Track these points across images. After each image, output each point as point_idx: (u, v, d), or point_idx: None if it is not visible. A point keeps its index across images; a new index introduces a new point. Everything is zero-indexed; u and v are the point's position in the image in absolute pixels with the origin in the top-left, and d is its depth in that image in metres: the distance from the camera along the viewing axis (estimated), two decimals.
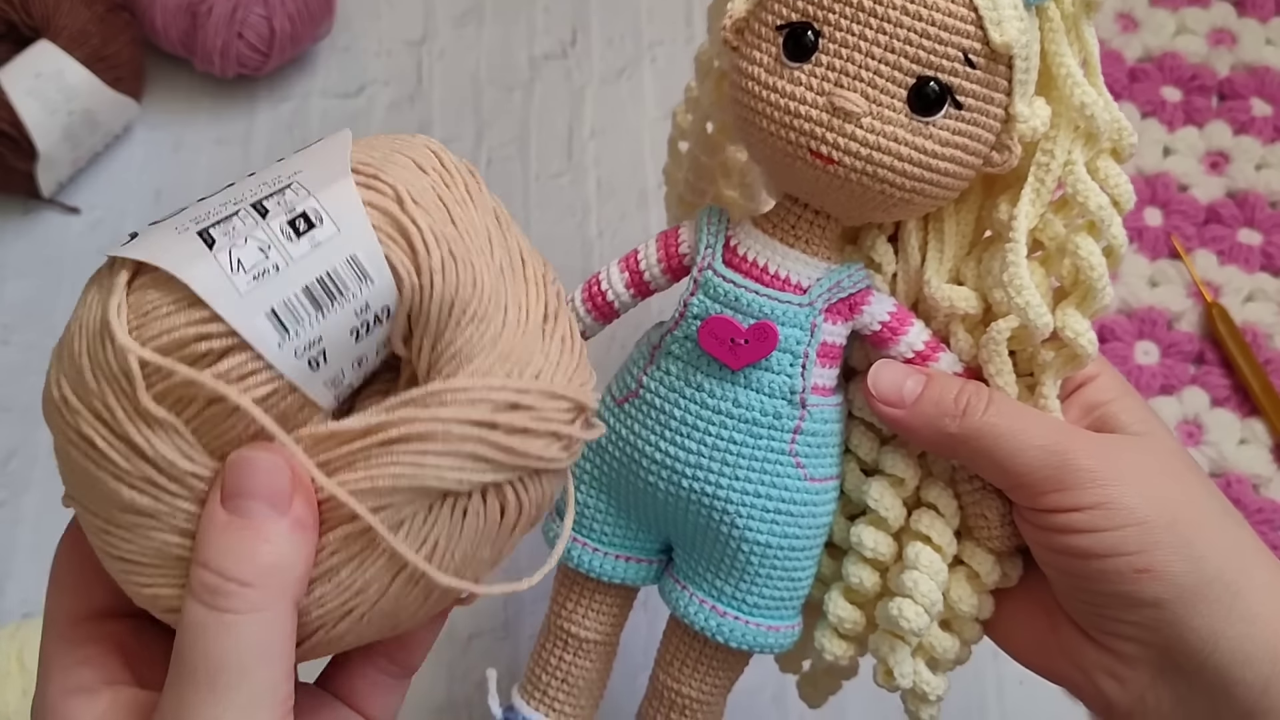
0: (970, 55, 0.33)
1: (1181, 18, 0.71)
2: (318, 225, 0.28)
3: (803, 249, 0.37)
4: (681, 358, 0.38)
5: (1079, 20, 0.35)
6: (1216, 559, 0.34)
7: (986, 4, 0.33)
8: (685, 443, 0.38)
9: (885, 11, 0.33)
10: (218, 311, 0.26)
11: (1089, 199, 0.35)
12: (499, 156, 0.67)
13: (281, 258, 0.27)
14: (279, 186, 0.28)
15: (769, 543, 0.38)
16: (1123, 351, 0.62)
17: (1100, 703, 0.37)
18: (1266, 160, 0.67)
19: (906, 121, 0.33)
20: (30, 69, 0.59)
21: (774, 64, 0.35)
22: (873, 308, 0.38)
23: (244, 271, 0.27)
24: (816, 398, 0.38)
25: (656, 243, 0.39)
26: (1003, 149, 0.35)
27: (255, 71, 0.65)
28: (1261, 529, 0.58)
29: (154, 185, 0.64)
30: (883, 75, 0.33)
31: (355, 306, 0.28)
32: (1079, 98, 0.34)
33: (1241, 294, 0.64)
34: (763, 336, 0.36)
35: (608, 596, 0.42)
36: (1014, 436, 0.35)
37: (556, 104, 0.68)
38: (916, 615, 0.37)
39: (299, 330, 0.27)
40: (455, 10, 0.71)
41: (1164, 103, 0.69)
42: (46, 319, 0.60)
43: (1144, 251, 0.65)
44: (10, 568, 0.55)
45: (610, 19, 0.71)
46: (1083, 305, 0.36)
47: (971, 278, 0.38)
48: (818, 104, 0.34)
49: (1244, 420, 0.61)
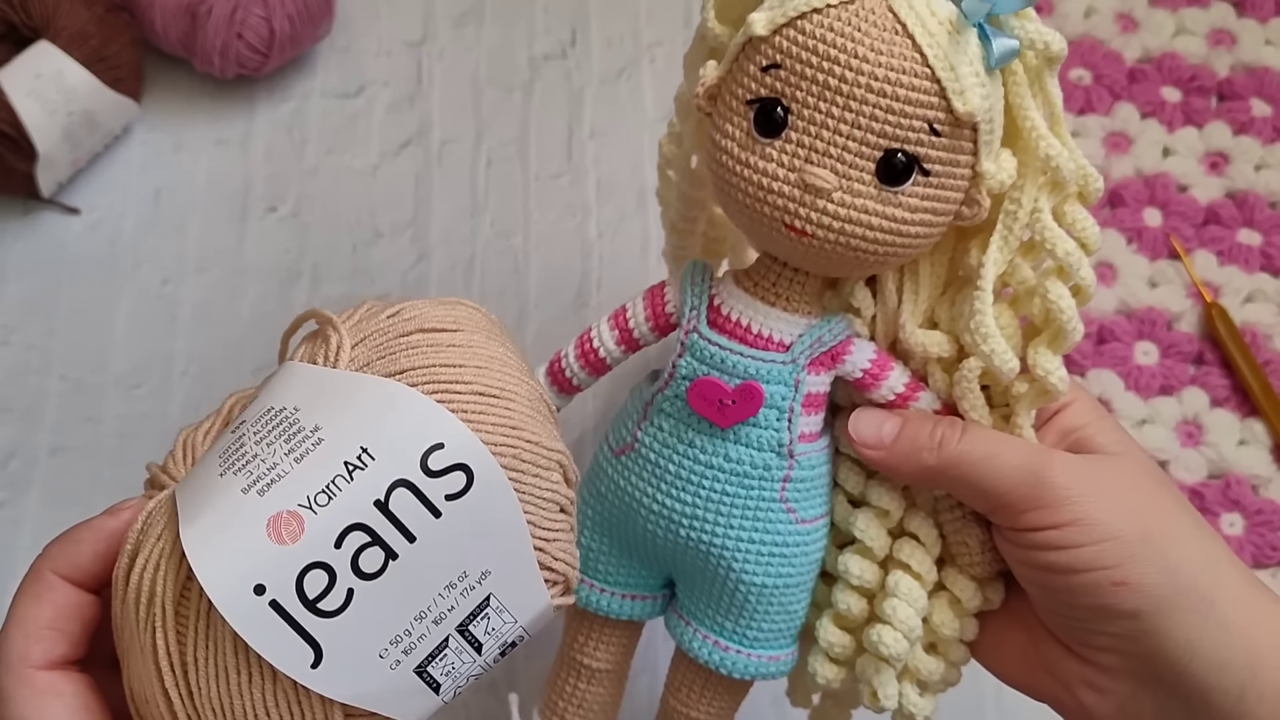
0: (935, 125, 0.34)
1: (1181, 18, 0.71)
2: (519, 645, 0.31)
3: (784, 307, 0.39)
4: (673, 415, 0.39)
5: (1042, 73, 0.35)
6: (1191, 570, 0.35)
7: (948, 75, 0.33)
8: (680, 495, 0.39)
9: (850, 89, 0.33)
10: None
11: (1056, 246, 0.36)
12: (499, 156, 0.67)
13: (482, 669, 0.31)
14: (474, 599, 0.29)
15: (765, 583, 0.40)
16: (1122, 352, 0.62)
17: (1082, 716, 0.38)
18: (1266, 161, 0.67)
19: (876, 193, 0.34)
20: (30, 70, 0.59)
21: (746, 139, 0.35)
22: (854, 357, 0.39)
23: (449, 692, 0.31)
24: (804, 445, 0.39)
25: (644, 301, 0.41)
26: (972, 204, 0.36)
27: (255, 72, 0.65)
28: (1261, 529, 0.58)
29: (154, 186, 0.64)
30: (851, 150, 0.34)
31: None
32: (1044, 150, 0.35)
33: (1241, 294, 0.64)
34: (749, 397, 0.38)
35: (616, 630, 0.44)
36: (989, 460, 0.36)
37: (556, 104, 0.68)
38: (895, 641, 0.39)
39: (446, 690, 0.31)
40: (455, 11, 0.71)
41: (1163, 103, 0.69)
42: (46, 319, 0.60)
43: (1143, 252, 0.65)
44: (10, 568, 0.55)
45: (610, 20, 0.71)
46: (1054, 344, 0.37)
47: (945, 320, 0.39)
48: (790, 180, 0.35)
49: (1244, 420, 0.61)
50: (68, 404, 0.59)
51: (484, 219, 0.65)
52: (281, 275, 0.63)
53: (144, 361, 0.60)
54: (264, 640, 0.27)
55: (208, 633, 0.28)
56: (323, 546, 0.27)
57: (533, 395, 0.32)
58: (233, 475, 0.29)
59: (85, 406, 0.59)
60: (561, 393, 0.43)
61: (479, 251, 0.64)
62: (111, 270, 0.62)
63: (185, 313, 0.61)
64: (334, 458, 0.28)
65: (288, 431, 0.29)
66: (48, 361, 0.59)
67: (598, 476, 0.42)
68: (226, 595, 0.27)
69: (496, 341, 0.33)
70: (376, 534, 0.28)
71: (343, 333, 0.32)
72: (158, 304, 0.61)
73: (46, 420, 0.58)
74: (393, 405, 0.29)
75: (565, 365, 0.42)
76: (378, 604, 0.28)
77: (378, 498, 0.28)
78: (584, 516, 0.43)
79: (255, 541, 0.27)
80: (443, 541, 0.28)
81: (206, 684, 0.28)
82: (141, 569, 0.29)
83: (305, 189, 0.65)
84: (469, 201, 0.65)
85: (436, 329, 0.32)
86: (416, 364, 0.30)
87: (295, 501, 0.28)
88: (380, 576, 0.28)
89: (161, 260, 0.62)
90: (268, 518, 0.28)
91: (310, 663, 0.27)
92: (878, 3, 0.33)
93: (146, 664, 0.29)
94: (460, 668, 0.29)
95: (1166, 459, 0.60)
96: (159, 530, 0.30)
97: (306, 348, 0.33)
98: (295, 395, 0.30)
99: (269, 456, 0.28)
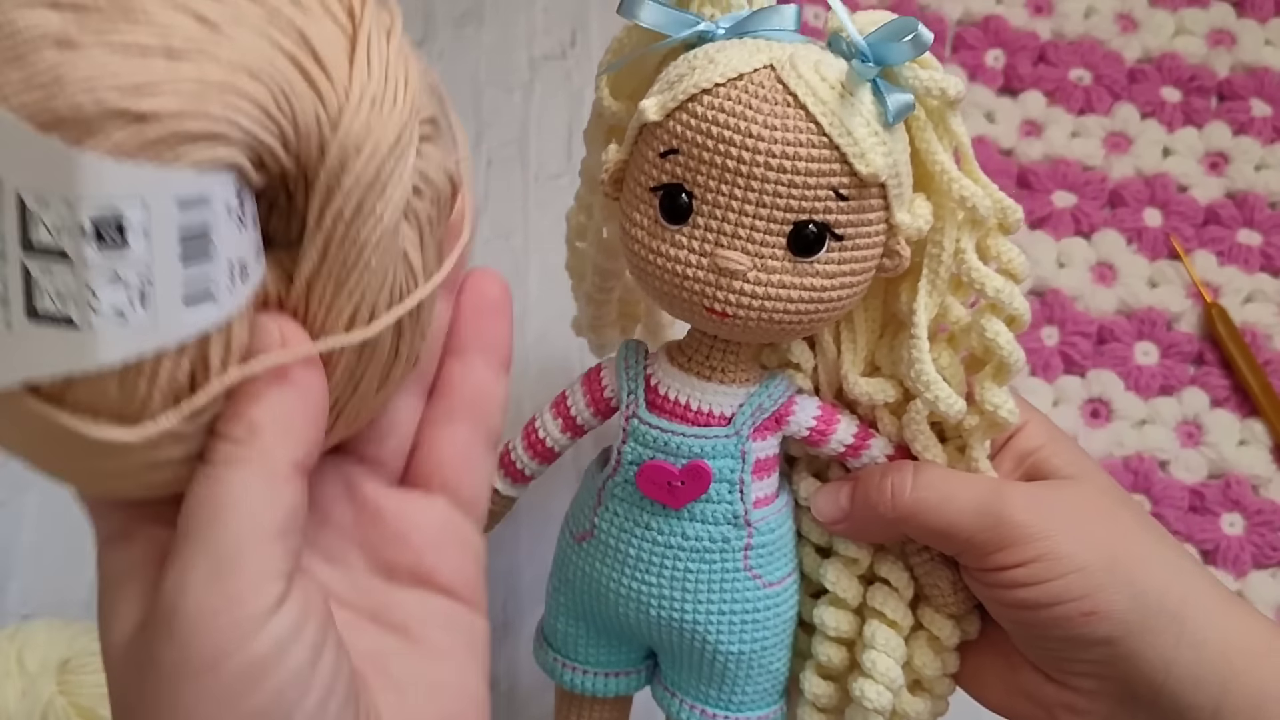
0: (840, 190, 0.33)
1: (1181, 18, 0.71)
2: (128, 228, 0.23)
3: (720, 379, 0.38)
4: (626, 499, 0.39)
5: (945, 115, 0.35)
6: (1159, 590, 0.35)
7: (846, 141, 0.33)
8: (645, 577, 0.39)
9: (750, 169, 0.33)
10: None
11: (985, 285, 0.36)
12: (499, 157, 0.67)
13: (134, 270, 0.23)
14: (7, 208, 0.23)
15: (742, 650, 0.40)
16: (1122, 352, 0.62)
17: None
18: (1266, 161, 0.67)
19: (791, 266, 0.34)
20: None
21: (654, 226, 0.35)
22: (798, 416, 0.39)
23: (131, 311, 0.24)
24: (760, 511, 0.39)
25: (582, 388, 0.40)
26: (892, 254, 0.35)
27: None
28: (1261, 529, 0.58)
29: None
30: (759, 229, 0.33)
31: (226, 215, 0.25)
32: (958, 192, 0.35)
33: (1241, 294, 0.64)
34: (697, 476, 0.37)
35: (605, 707, 0.44)
36: (945, 505, 0.36)
37: (556, 104, 0.68)
38: (878, 695, 0.39)
39: (210, 287, 0.24)
40: (455, 11, 0.71)
41: (1163, 103, 0.69)
42: None
43: (1143, 252, 0.65)
44: (10, 568, 0.55)
45: (610, 19, 0.71)
46: (998, 377, 0.37)
47: (886, 363, 0.39)
48: (703, 265, 0.34)
49: (1244, 421, 0.61)
50: None
51: (484, 219, 0.65)
52: None
53: None
54: None
55: None
56: None
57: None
58: None
59: None
60: (515, 483, 0.42)
61: (479, 251, 0.64)
62: None
63: None
64: None
65: None
66: None
67: (564, 563, 0.42)
68: None
69: None
70: None
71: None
72: None
73: None
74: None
75: (515, 457, 0.41)
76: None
77: None
78: (557, 603, 0.42)
79: None
80: None
81: None
82: None
83: None
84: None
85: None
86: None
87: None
88: None
89: None
90: None
91: None
92: (765, 75, 0.33)
93: None
94: (72, 281, 0.23)
95: (1166, 459, 0.60)
96: None
97: None
98: None
99: None
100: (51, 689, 0.47)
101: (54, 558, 0.55)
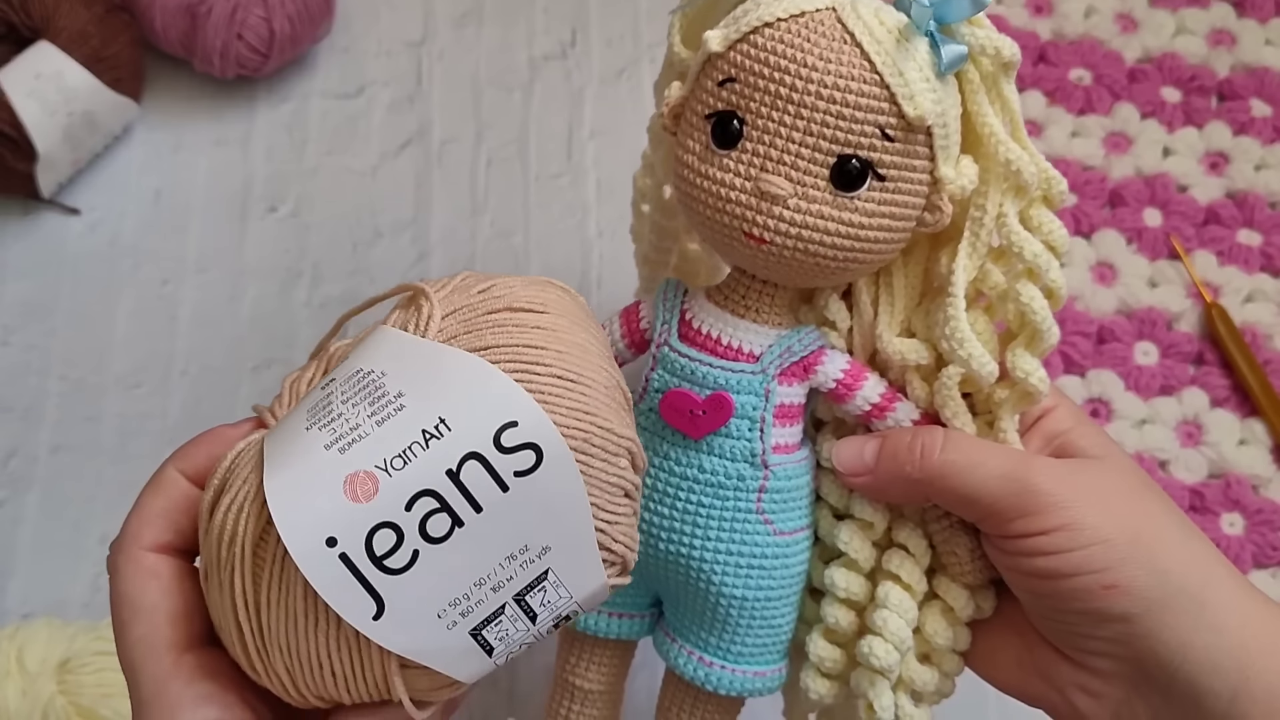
0: (887, 130, 0.34)
1: (1181, 18, 0.71)
2: (573, 619, 0.32)
3: (753, 319, 0.39)
4: (647, 429, 0.40)
5: (998, 79, 0.36)
6: (1180, 572, 0.35)
7: (897, 80, 0.34)
8: (658, 509, 0.40)
9: (801, 98, 0.34)
10: (462, 680, 0.31)
11: (1024, 249, 0.36)
12: (499, 157, 0.67)
13: (535, 638, 0.32)
14: (533, 571, 0.31)
15: (745, 596, 0.40)
16: (1122, 352, 0.62)
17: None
18: (1266, 161, 0.67)
19: (831, 199, 0.35)
20: (30, 70, 0.59)
21: (705, 151, 0.36)
22: (826, 367, 0.39)
23: (503, 661, 0.32)
24: (779, 456, 0.39)
25: (620, 319, 0.42)
26: (934, 210, 0.36)
27: (255, 72, 0.65)
28: (1261, 529, 0.58)
29: (153, 186, 0.64)
30: (804, 158, 0.35)
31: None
32: (1004, 155, 0.36)
33: (1241, 294, 0.64)
34: (719, 407, 0.38)
35: (607, 651, 0.44)
36: (974, 469, 0.36)
37: (556, 104, 0.68)
38: (886, 653, 0.39)
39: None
40: (455, 11, 0.71)
41: (1163, 103, 0.69)
42: (46, 319, 0.60)
43: (1143, 252, 0.65)
44: (10, 568, 0.55)
45: (609, 20, 0.71)
46: (1031, 346, 0.37)
47: (921, 328, 0.39)
48: (746, 189, 0.35)
49: (1244, 420, 0.61)
50: (68, 403, 0.59)
51: (484, 219, 0.65)
52: (281, 275, 0.63)
53: (144, 361, 0.60)
54: (331, 589, 0.29)
55: (281, 577, 0.30)
56: (394, 508, 0.29)
57: (609, 382, 0.33)
58: (318, 431, 0.30)
59: (85, 406, 0.59)
60: None
61: (479, 251, 0.64)
62: (111, 270, 0.62)
63: (185, 312, 0.61)
64: (413, 425, 0.30)
65: (373, 395, 0.31)
66: (48, 361, 0.60)
67: None
68: (301, 544, 0.29)
69: (580, 326, 0.34)
70: (445, 501, 0.29)
71: (434, 303, 0.33)
72: (158, 304, 0.61)
73: (47, 420, 0.58)
74: (474, 380, 0.31)
75: None
76: (440, 567, 0.30)
77: (450, 467, 0.29)
78: None
79: (332, 497, 0.29)
80: (507, 515, 0.30)
81: (276, 624, 0.30)
82: (226, 509, 0.31)
83: (305, 189, 0.65)
84: (469, 201, 0.65)
85: (524, 309, 0.33)
86: (501, 342, 0.32)
87: (373, 463, 0.29)
88: (445, 541, 0.29)
89: (161, 260, 0.62)
90: (345, 475, 0.29)
91: (372, 615, 0.29)
92: (826, 14, 0.34)
93: (224, 597, 0.31)
94: (514, 634, 0.31)
95: (1166, 459, 0.60)
96: (245, 474, 0.31)
97: (400, 314, 0.34)
98: (383, 360, 0.32)
99: (353, 417, 0.30)
100: (51, 689, 0.47)
101: (54, 558, 0.55)
